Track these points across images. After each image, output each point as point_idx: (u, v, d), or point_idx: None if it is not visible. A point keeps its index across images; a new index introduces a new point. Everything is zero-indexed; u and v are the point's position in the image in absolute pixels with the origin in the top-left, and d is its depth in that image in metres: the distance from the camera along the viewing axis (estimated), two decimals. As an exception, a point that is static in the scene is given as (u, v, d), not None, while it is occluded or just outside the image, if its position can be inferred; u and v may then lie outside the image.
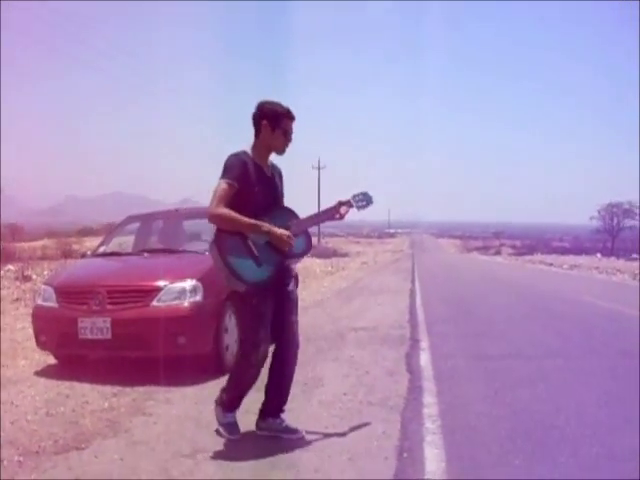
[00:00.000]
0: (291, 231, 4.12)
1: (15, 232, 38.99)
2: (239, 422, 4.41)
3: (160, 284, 6.08)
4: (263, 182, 4.19)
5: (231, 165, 4.09)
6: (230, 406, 4.38)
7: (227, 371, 6.26)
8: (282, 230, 4.09)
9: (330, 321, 10.03)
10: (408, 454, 4.07)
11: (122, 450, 4.10)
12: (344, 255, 46.06)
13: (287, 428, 4.37)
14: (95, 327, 5.95)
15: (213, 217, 4.04)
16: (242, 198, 4.05)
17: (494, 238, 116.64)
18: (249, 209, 4.05)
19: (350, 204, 4.40)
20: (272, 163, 4.39)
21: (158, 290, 6.04)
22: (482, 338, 8.97)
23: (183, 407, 5.21)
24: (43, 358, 6.98)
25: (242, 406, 4.47)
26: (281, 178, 4.46)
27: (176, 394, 5.56)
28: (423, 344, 8.28)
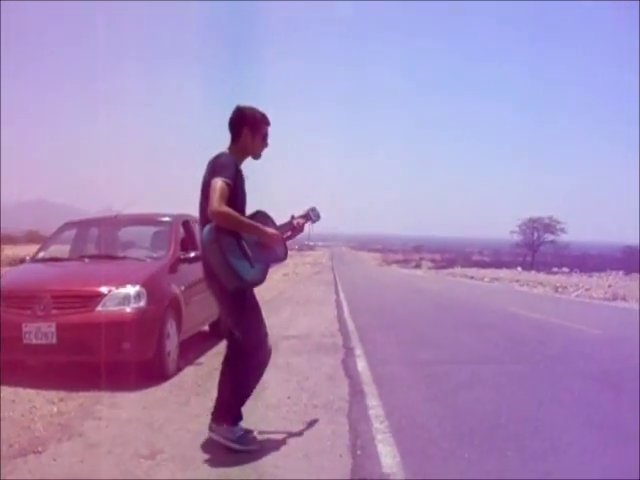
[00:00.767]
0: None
1: None
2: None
3: (105, 290, 6.11)
4: (243, 185, 4.29)
5: (227, 164, 4.14)
6: (237, 418, 4.29)
7: (170, 377, 6.41)
8: (273, 230, 4.28)
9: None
10: (362, 451, 4.28)
11: (80, 453, 4.13)
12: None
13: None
14: (40, 332, 5.92)
15: (218, 215, 4.01)
16: (232, 198, 4.12)
17: (414, 251, 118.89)
18: (236, 210, 4.12)
19: (309, 217, 4.66)
20: None
21: (103, 295, 6.07)
22: (415, 346, 9.30)
23: (132, 411, 5.25)
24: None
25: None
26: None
27: (122, 399, 5.59)
28: (357, 351, 8.51)
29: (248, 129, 4.27)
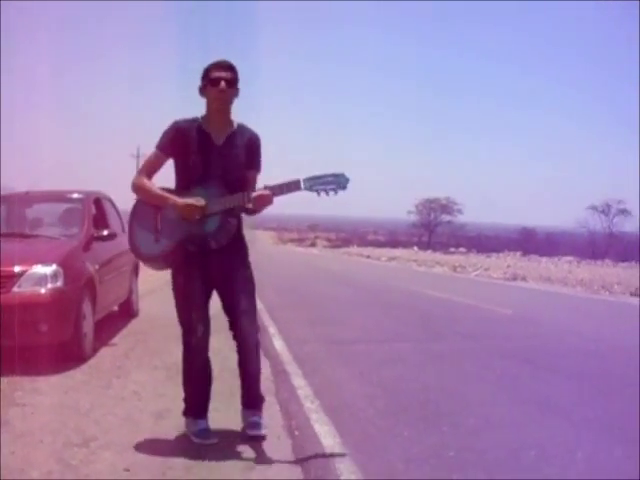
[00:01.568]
0: (208, 206, 3.81)
1: None
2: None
3: (20, 269, 5.82)
4: (205, 151, 3.90)
5: (163, 133, 3.92)
6: (195, 410, 4.11)
7: (88, 359, 6.22)
8: (189, 199, 3.80)
9: (169, 309, 9.89)
10: (299, 432, 4.25)
11: (10, 444, 3.85)
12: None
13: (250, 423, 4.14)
14: None
15: (132, 186, 3.93)
16: (177, 167, 3.93)
17: (309, 230, 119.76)
18: (182, 179, 3.92)
19: (296, 186, 3.86)
20: (242, 130, 4.04)
21: (18, 276, 5.78)
22: (328, 324, 9.38)
23: (55, 396, 5.01)
24: None
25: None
26: (249, 146, 4.02)
27: (42, 383, 5.34)
28: (271, 330, 8.49)
29: (200, 85, 3.92)
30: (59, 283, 5.90)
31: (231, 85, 3.90)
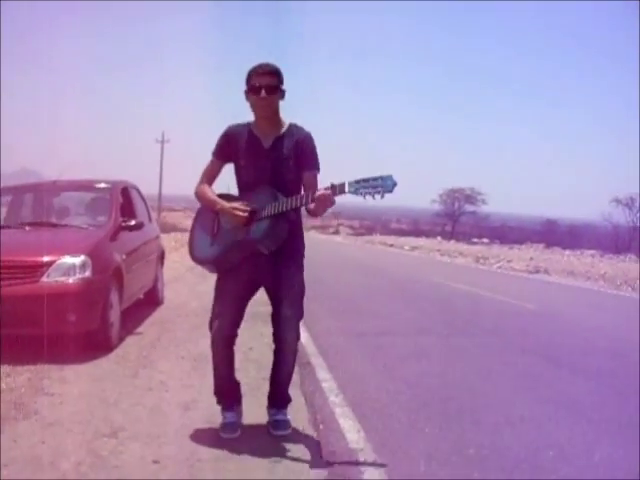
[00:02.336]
0: (256, 211, 3.83)
1: None
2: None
3: (49, 259, 5.94)
4: (254, 155, 3.94)
5: (217, 139, 4.06)
6: (223, 402, 4.18)
7: (114, 347, 6.36)
8: (234, 204, 3.88)
9: (194, 297, 10.07)
10: (324, 425, 4.36)
11: (39, 433, 3.99)
12: (185, 230, 45.43)
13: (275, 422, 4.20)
14: None
15: (194, 194, 4.13)
16: (235, 173, 4.05)
17: (332, 217, 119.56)
18: (239, 185, 4.03)
19: (340, 189, 3.68)
20: (293, 131, 4.01)
21: (47, 266, 5.91)
22: (352, 316, 9.49)
23: (83, 385, 5.14)
24: None
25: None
26: (298, 147, 3.97)
27: (69, 372, 5.46)
28: (295, 321, 8.57)
29: (245, 91, 3.94)
30: (87, 273, 6.03)
31: (273, 91, 3.88)
